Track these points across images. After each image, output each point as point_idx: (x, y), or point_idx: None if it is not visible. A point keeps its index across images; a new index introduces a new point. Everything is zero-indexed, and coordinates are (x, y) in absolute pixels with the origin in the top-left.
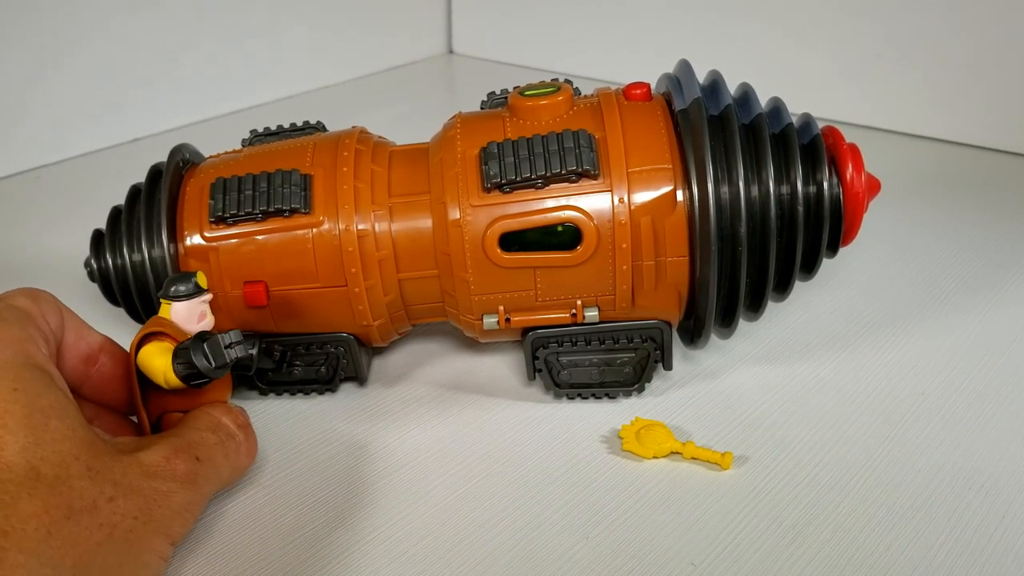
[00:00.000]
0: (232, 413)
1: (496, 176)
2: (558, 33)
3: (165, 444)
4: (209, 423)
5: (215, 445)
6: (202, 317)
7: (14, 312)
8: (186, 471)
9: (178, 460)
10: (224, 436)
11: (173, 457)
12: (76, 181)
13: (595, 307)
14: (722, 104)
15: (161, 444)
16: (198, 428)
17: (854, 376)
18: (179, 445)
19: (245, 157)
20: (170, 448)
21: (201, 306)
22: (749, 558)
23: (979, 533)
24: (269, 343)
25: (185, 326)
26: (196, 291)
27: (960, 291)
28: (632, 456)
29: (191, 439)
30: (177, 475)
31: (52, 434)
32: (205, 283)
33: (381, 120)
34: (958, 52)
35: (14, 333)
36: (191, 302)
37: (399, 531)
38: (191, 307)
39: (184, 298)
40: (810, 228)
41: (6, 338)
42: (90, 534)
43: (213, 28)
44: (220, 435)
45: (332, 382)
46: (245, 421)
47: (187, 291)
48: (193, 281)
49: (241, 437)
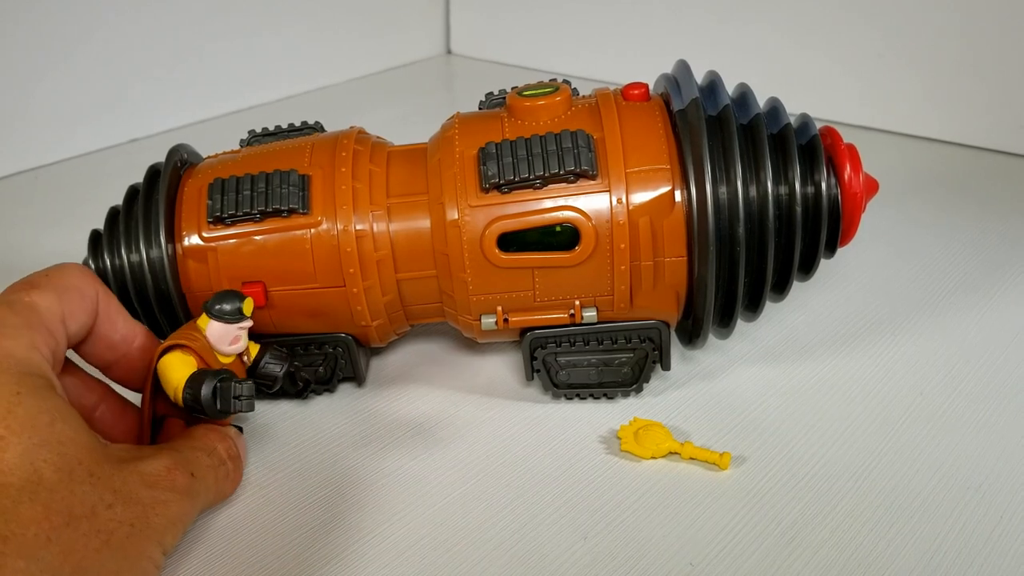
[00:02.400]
0: (226, 442)
1: (494, 176)
2: (556, 34)
3: (165, 456)
4: (205, 445)
5: (208, 467)
6: (235, 341)
7: (24, 315)
8: (184, 484)
9: (177, 472)
10: (216, 461)
11: (174, 469)
12: (75, 181)
13: (593, 307)
14: (720, 104)
15: (162, 456)
16: (195, 447)
17: (852, 376)
18: (178, 459)
19: (243, 157)
20: (170, 460)
21: (238, 331)
22: (747, 558)
23: (977, 533)
24: (296, 368)
25: (217, 345)
26: (238, 317)
27: (958, 291)
28: (630, 456)
29: (188, 456)
30: (176, 487)
31: (57, 437)
32: (250, 311)
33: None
34: (958, 53)
35: (17, 341)
36: (230, 326)
37: (397, 531)
38: (228, 330)
39: (225, 319)
40: (808, 228)
41: (8, 346)
42: (88, 540)
43: (212, 28)
44: (213, 459)
45: (330, 382)
46: (236, 453)
47: (230, 315)
48: (239, 306)
49: (230, 467)
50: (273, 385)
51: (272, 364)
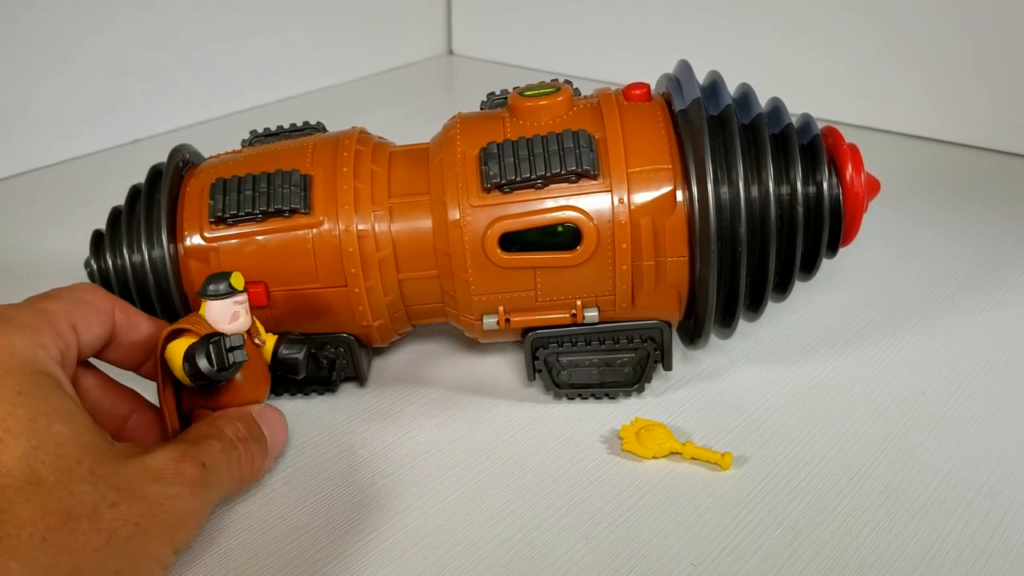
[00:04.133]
0: (234, 425)
1: (496, 176)
2: (558, 34)
3: (172, 449)
4: (214, 432)
5: (219, 453)
6: (235, 318)
7: (32, 316)
8: (194, 476)
9: (186, 464)
10: (228, 446)
11: (181, 461)
12: (76, 181)
13: (595, 307)
14: (722, 104)
15: (169, 449)
16: (204, 435)
17: (854, 376)
18: (186, 450)
19: (245, 158)
20: (178, 452)
21: (234, 307)
22: (749, 558)
23: (979, 534)
24: (318, 349)
25: (218, 325)
26: (229, 292)
27: (960, 291)
28: (632, 456)
29: (197, 445)
30: (185, 480)
31: (56, 438)
32: (240, 284)
33: (381, 121)
34: (958, 53)
35: (24, 339)
36: (224, 302)
37: (399, 531)
38: (224, 307)
39: (217, 297)
40: (810, 228)
41: (15, 343)
42: (88, 540)
43: (213, 29)
44: (224, 444)
45: (332, 382)
46: (248, 434)
47: (222, 291)
48: (226, 281)
49: (241, 450)
50: (298, 371)
51: (289, 350)
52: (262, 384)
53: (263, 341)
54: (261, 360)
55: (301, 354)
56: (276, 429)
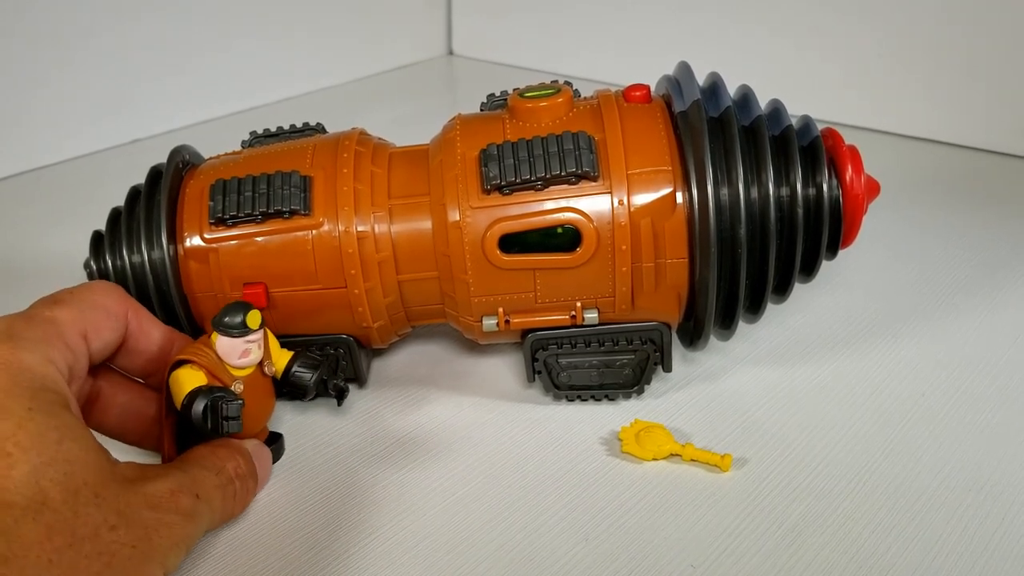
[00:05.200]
0: (235, 460)
1: (496, 178)
2: (558, 35)
3: (171, 478)
4: (213, 464)
5: (215, 487)
6: (245, 354)
7: (42, 329)
8: (188, 506)
9: (182, 495)
10: (224, 480)
11: (178, 491)
12: (76, 182)
13: (595, 309)
14: (722, 106)
15: (167, 477)
16: (203, 467)
17: (854, 377)
18: (183, 480)
19: (245, 159)
20: (175, 482)
21: (245, 345)
22: (749, 560)
23: (979, 534)
24: (330, 376)
25: (226, 359)
26: (243, 331)
27: (959, 292)
28: (632, 458)
29: (194, 476)
30: (180, 509)
31: (65, 455)
32: (256, 323)
33: (381, 122)
34: (958, 54)
35: (35, 355)
36: (235, 340)
37: (399, 533)
38: (235, 344)
39: (231, 335)
40: (809, 230)
41: (25, 360)
42: (89, 563)
43: (213, 29)
44: (221, 479)
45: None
46: (246, 471)
47: (235, 329)
48: (242, 317)
49: (238, 487)
50: (307, 393)
51: (302, 372)
52: (265, 414)
53: (274, 370)
54: (268, 390)
55: (312, 378)
56: (264, 467)
